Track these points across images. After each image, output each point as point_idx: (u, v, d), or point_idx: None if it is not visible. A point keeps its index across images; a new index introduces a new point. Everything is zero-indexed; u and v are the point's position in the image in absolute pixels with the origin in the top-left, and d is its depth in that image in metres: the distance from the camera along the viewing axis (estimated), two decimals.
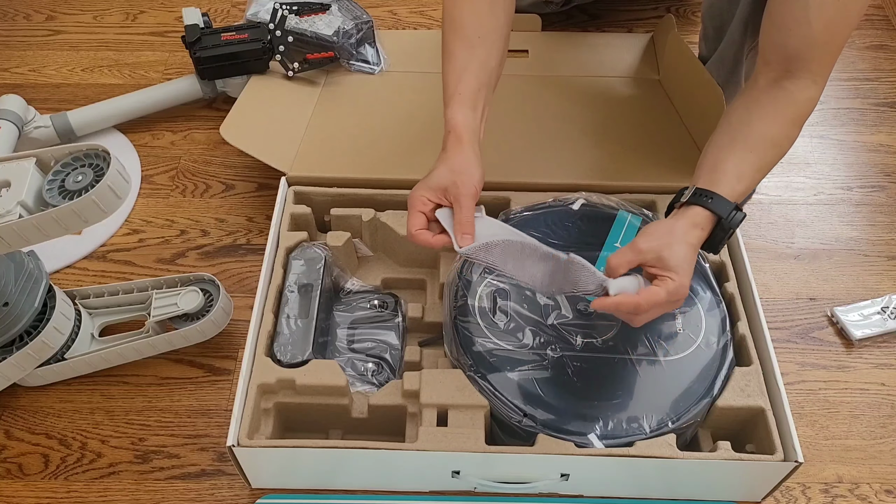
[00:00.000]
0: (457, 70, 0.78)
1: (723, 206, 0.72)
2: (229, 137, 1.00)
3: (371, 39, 1.18)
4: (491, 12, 0.80)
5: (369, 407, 0.78)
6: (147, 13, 1.40)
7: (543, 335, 0.80)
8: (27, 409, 0.89)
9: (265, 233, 1.04)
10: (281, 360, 0.79)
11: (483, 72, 0.79)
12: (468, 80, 0.78)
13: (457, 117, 0.77)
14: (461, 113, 0.77)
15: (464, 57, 0.79)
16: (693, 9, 1.38)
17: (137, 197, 1.10)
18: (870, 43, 1.32)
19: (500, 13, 0.81)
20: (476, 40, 0.79)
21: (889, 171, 1.13)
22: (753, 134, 0.75)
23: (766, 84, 0.76)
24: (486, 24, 0.80)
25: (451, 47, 0.80)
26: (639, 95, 1.13)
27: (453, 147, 0.76)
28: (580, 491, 0.80)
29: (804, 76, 0.74)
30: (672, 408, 0.75)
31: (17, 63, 1.31)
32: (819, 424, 0.87)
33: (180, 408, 0.89)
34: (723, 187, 0.73)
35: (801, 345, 0.94)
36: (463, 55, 0.79)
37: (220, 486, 0.83)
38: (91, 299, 0.92)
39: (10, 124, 1.05)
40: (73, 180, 0.71)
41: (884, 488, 0.83)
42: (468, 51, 0.79)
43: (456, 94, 0.77)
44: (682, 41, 1.06)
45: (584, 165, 1.00)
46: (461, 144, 0.76)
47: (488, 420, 0.76)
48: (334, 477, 0.80)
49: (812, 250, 1.03)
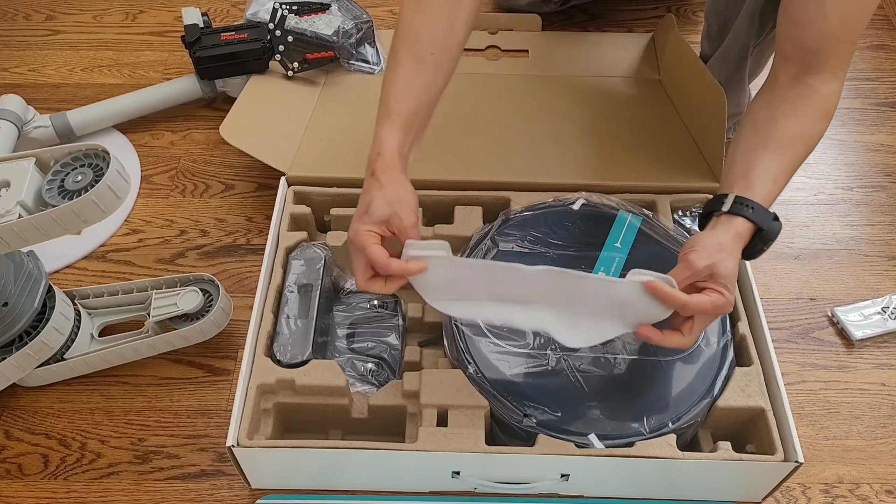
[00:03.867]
0: (400, 86, 0.74)
1: (764, 217, 0.71)
2: (229, 137, 1.00)
3: (371, 39, 1.17)
4: (449, 29, 0.76)
5: (369, 407, 0.78)
6: (147, 13, 1.40)
7: (543, 335, 0.79)
8: (27, 410, 0.89)
9: (265, 233, 1.04)
10: (281, 361, 0.79)
11: (427, 93, 0.75)
12: (409, 101, 0.74)
13: (390, 140, 0.73)
14: (395, 136, 0.73)
15: (410, 73, 0.74)
16: (693, 8, 1.38)
17: (137, 197, 1.10)
18: (870, 43, 1.32)
19: (460, 30, 0.77)
20: (428, 57, 0.75)
21: (889, 171, 1.13)
22: (782, 133, 0.73)
23: (788, 81, 0.75)
24: (441, 40, 0.75)
25: (399, 58, 0.75)
26: (639, 95, 1.13)
27: (384, 174, 0.72)
28: (580, 491, 0.80)
29: (824, 70, 0.73)
30: (672, 408, 0.75)
31: (16, 63, 1.31)
32: (819, 425, 0.87)
33: (180, 408, 0.89)
34: (759, 192, 0.71)
35: (801, 345, 0.94)
36: (410, 71, 0.74)
37: (219, 487, 0.82)
38: (91, 299, 0.92)
39: (9, 124, 1.05)
40: (73, 180, 0.71)
41: (884, 488, 0.83)
42: (416, 67, 0.74)
43: (393, 114, 0.73)
44: (683, 40, 1.06)
45: (584, 165, 1.00)
46: (392, 171, 0.72)
47: (488, 420, 0.76)
48: (334, 477, 0.80)
49: (812, 250, 1.03)
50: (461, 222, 0.91)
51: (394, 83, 0.74)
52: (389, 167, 0.72)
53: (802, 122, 0.74)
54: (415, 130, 0.75)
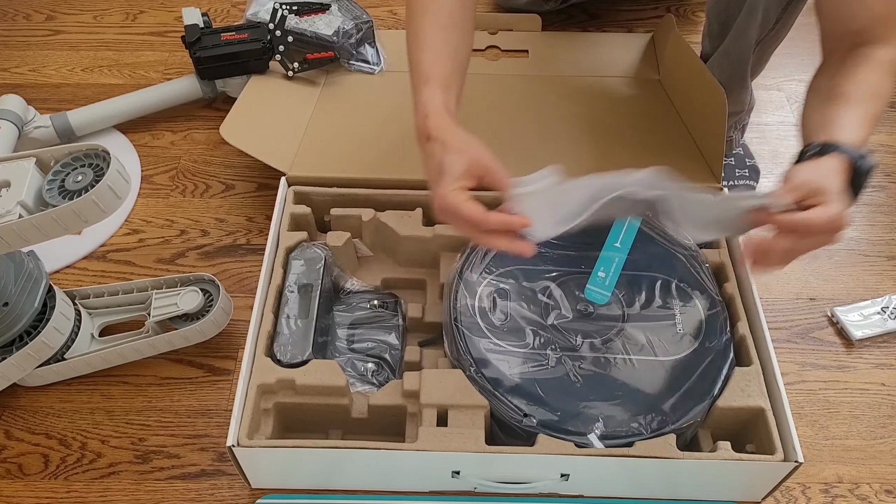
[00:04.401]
0: (430, 51, 0.72)
1: (853, 152, 0.67)
2: (229, 137, 1.00)
3: (371, 39, 1.18)
4: (462, 5, 0.77)
5: (369, 407, 0.78)
6: (147, 13, 1.40)
7: (543, 335, 0.80)
8: (27, 409, 0.89)
9: (265, 233, 1.04)
10: (281, 360, 0.79)
11: (457, 56, 0.74)
12: (443, 63, 0.72)
13: (434, 101, 0.70)
14: (438, 97, 0.70)
15: (439, 39, 0.73)
16: (693, 8, 1.38)
17: (137, 197, 1.10)
18: None
19: (469, 7, 0.78)
20: (450, 25, 0.75)
21: (889, 171, 1.13)
22: (852, 90, 0.71)
23: (840, 56, 0.73)
24: (457, 13, 0.76)
25: (423, 30, 0.74)
26: (639, 95, 1.13)
27: (442, 132, 0.68)
28: (580, 491, 0.80)
29: (875, 42, 0.72)
30: (672, 408, 0.75)
31: (17, 63, 1.31)
32: (819, 424, 0.87)
33: (180, 408, 0.89)
34: (845, 136, 0.68)
35: (801, 345, 0.94)
36: (437, 38, 0.73)
37: (220, 486, 0.83)
38: (91, 299, 0.92)
39: (9, 124, 1.05)
40: (73, 180, 0.71)
41: (884, 488, 0.83)
42: (443, 33, 0.74)
43: (431, 77, 0.71)
44: (683, 40, 1.06)
45: (584, 165, 1.00)
46: (449, 126, 0.69)
47: (488, 420, 0.76)
48: (334, 477, 0.80)
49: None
50: None
51: (423, 49, 0.73)
52: (444, 123, 0.69)
53: (868, 77, 0.72)
54: (455, 91, 0.73)
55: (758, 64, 1.04)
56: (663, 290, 0.83)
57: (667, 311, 0.82)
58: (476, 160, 0.67)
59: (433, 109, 0.70)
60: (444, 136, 0.68)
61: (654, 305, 0.82)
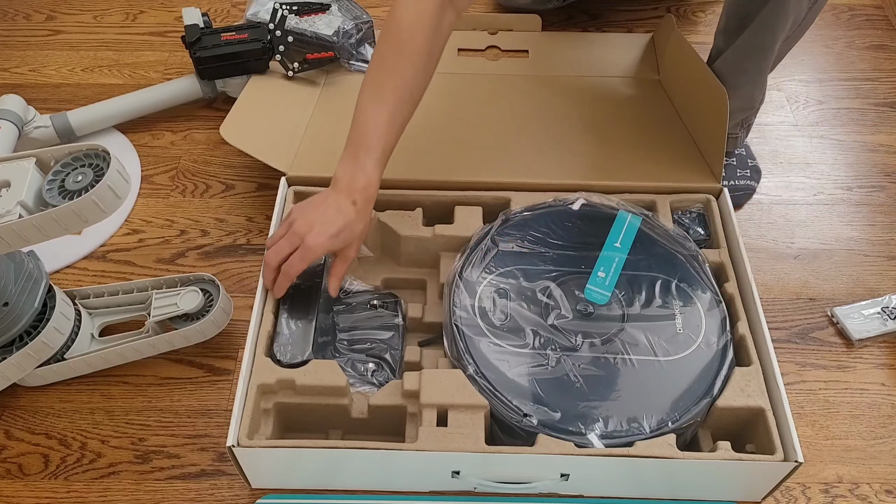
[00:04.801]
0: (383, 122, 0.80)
1: None
2: (229, 137, 1.00)
3: (371, 39, 1.18)
4: (435, 30, 0.81)
5: (369, 407, 0.78)
6: (147, 13, 1.40)
7: (543, 335, 0.80)
8: (27, 409, 0.89)
9: (265, 233, 1.04)
10: (281, 361, 0.79)
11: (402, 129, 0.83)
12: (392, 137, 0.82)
13: (374, 173, 0.80)
14: (378, 170, 0.81)
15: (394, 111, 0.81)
16: (693, 9, 1.38)
17: (137, 197, 1.10)
18: (870, 43, 1.32)
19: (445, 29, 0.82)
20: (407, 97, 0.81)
21: (889, 171, 1.13)
22: None
23: None
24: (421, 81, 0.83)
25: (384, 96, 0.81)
26: (639, 95, 1.13)
27: (367, 207, 0.81)
28: (580, 491, 0.80)
29: None
30: (672, 408, 0.75)
31: (17, 63, 1.31)
32: (819, 424, 0.87)
33: (180, 408, 0.89)
34: None
35: (801, 345, 0.94)
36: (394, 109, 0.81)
37: (220, 486, 0.83)
38: (91, 299, 0.92)
39: (9, 124, 1.05)
40: (73, 180, 0.71)
41: (884, 488, 0.83)
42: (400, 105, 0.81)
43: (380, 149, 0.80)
44: (684, 40, 1.06)
45: (584, 165, 1.00)
46: (370, 206, 0.81)
47: (488, 420, 0.76)
48: (334, 477, 0.80)
49: (812, 250, 1.03)
50: (461, 222, 0.91)
51: (379, 115, 0.81)
52: (370, 201, 0.81)
53: None
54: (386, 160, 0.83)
55: (779, 57, 0.99)
56: (663, 290, 0.83)
57: (667, 311, 0.82)
58: (352, 248, 0.82)
59: (373, 183, 0.81)
60: (364, 214, 0.81)
61: (654, 305, 0.82)
